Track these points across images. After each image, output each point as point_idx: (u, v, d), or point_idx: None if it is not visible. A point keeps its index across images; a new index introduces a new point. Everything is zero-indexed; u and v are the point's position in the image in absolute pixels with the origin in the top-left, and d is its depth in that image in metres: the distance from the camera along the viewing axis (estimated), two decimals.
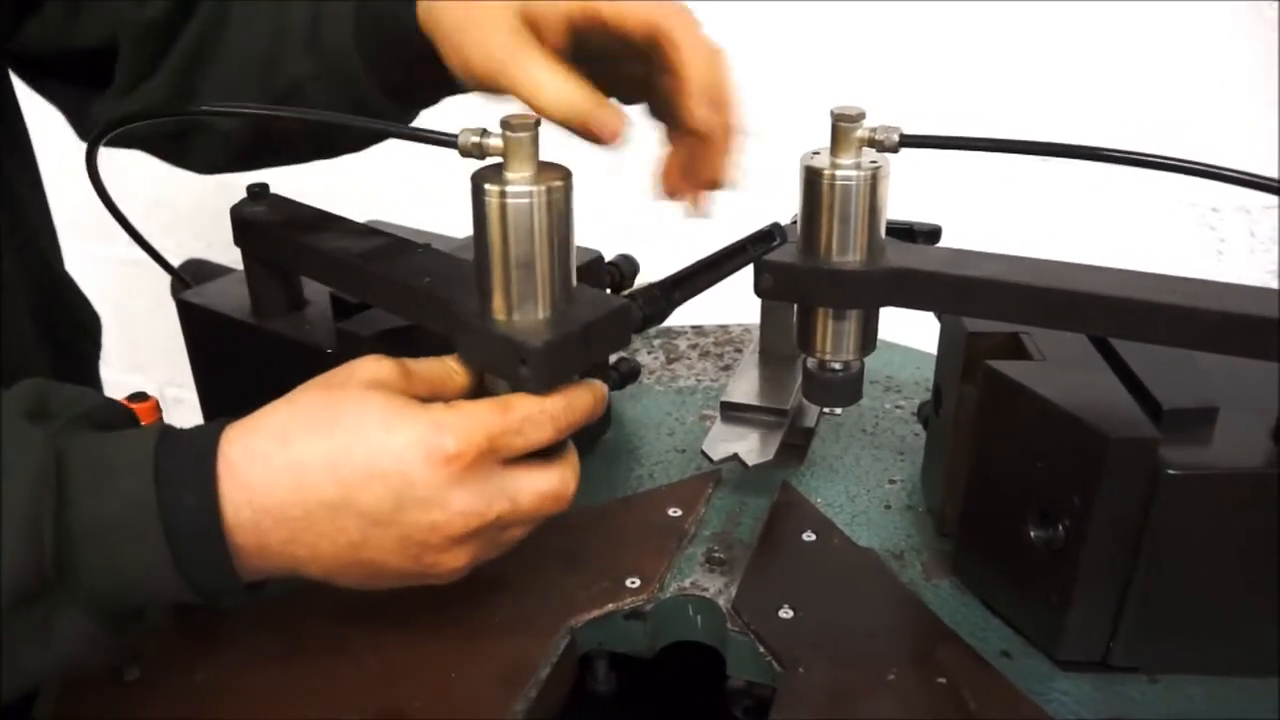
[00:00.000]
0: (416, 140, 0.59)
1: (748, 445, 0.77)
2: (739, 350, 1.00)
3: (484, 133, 0.57)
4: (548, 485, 0.60)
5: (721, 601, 0.70)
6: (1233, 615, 0.62)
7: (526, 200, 0.55)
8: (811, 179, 0.63)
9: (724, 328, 1.05)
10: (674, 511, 0.78)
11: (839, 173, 0.62)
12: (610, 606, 0.70)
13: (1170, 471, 0.58)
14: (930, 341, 0.76)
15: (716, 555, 0.74)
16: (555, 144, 0.59)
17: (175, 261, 0.90)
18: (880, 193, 0.63)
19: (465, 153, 0.57)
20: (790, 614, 0.68)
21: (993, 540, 0.67)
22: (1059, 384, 0.62)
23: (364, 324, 0.72)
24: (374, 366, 0.60)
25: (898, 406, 0.91)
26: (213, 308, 0.80)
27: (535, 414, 0.57)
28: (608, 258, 0.86)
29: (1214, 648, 0.63)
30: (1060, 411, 0.60)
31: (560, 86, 0.60)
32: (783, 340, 0.84)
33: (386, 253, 0.68)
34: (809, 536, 0.75)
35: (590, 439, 0.87)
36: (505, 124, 0.56)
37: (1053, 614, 0.63)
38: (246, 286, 0.79)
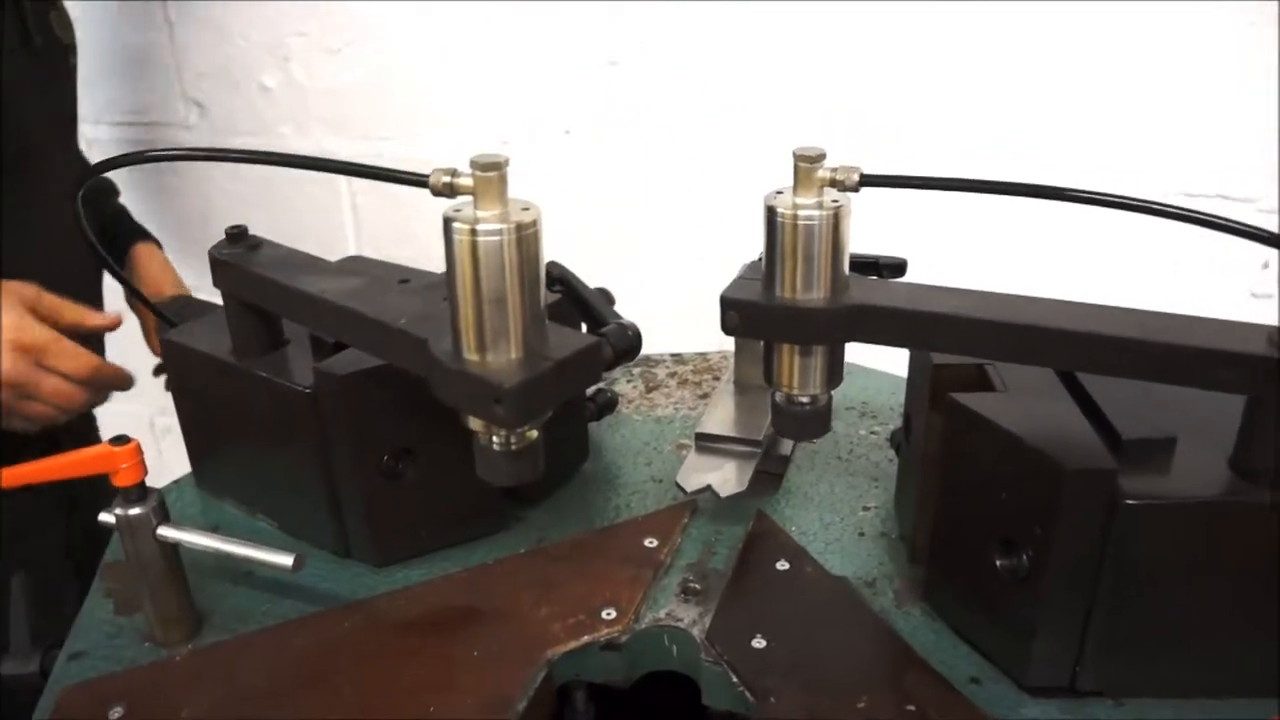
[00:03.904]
0: (388, 180, 0.61)
1: (721, 476, 0.78)
2: (717, 378, 1.02)
3: (454, 172, 0.58)
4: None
5: (696, 632, 0.71)
6: (1194, 639, 0.63)
7: (497, 239, 0.57)
8: (774, 219, 0.65)
9: (703, 355, 1.06)
10: (650, 542, 0.79)
11: (801, 213, 0.64)
12: (586, 638, 0.71)
13: (1128, 502, 0.59)
14: (906, 366, 0.78)
15: (691, 585, 0.75)
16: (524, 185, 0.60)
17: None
18: (842, 231, 0.64)
19: (437, 192, 0.58)
20: (763, 644, 0.69)
21: (961, 568, 0.69)
22: (1020, 415, 0.64)
23: (341, 363, 0.73)
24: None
25: (873, 432, 0.92)
26: (195, 347, 0.81)
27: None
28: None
29: (1177, 671, 0.64)
30: (1020, 443, 0.62)
31: None
32: (757, 370, 0.85)
33: (363, 293, 0.69)
34: (782, 565, 0.76)
35: (569, 469, 0.88)
36: (475, 163, 0.57)
37: (1019, 640, 0.65)
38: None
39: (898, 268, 0.75)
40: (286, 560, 0.67)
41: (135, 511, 0.69)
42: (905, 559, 0.77)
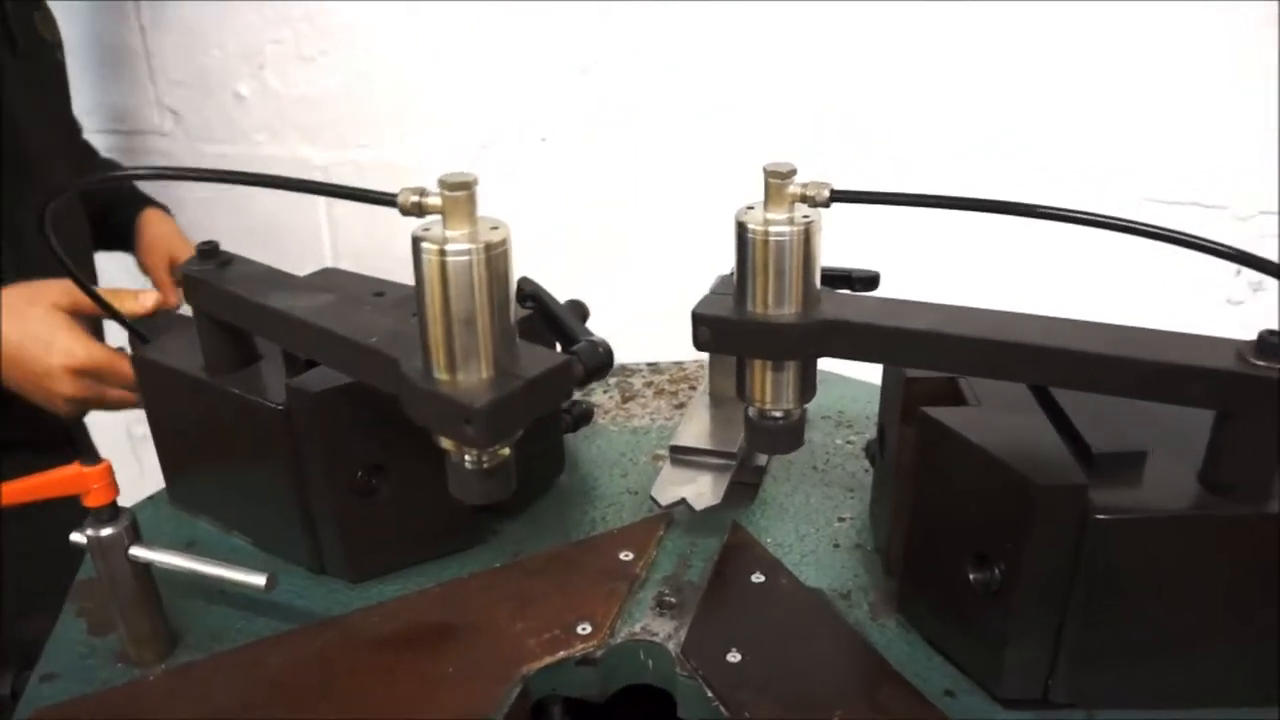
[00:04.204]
0: (356, 200, 0.60)
1: (696, 489, 0.78)
2: (694, 387, 1.02)
3: (423, 191, 0.58)
4: None
5: (671, 646, 0.71)
6: (1166, 650, 0.63)
7: (466, 258, 0.57)
8: (745, 235, 0.65)
9: (679, 365, 1.06)
10: (625, 555, 0.79)
11: (772, 229, 0.63)
12: (562, 654, 0.70)
13: (1099, 517, 0.59)
14: (880, 376, 0.78)
15: (667, 599, 0.75)
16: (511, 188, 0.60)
17: None
18: (813, 246, 0.64)
19: (405, 211, 0.58)
20: (738, 657, 0.69)
21: (934, 580, 0.69)
22: (992, 429, 0.64)
23: (313, 380, 0.73)
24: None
25: (848, 442, 0.92)
26: (166, 364, 0.81)
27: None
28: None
29: (1150, 682, 0.64)
30: (991, 458, 0.62)
31: None
32: (731, 382, 0.85)
33: (334, 310, 0.69)
34: (758, 578, 0.77)
35: (544, 481, 0.88)
36: (443, 183, 0.57)
37: (993, 653, 0.65)
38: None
39: (870, 280, 0.75)
40: (259, 580, 0.66)
41: (107, 532, 0.68)
42: (880, 571, 0.77)
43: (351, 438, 0.74)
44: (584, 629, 0.72)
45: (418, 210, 0.58)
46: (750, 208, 0.66)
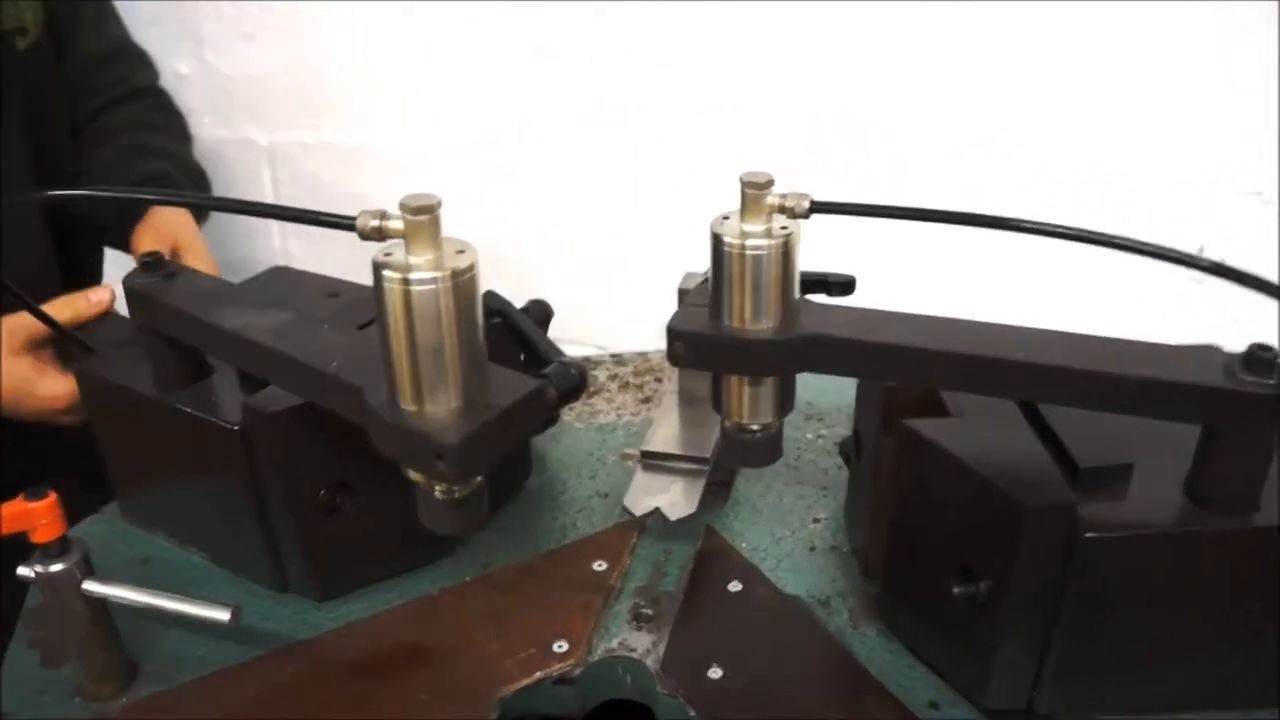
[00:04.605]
0: (312, 223, 0.57)
1: (670, 498, 0.76)
2: (659, 379, 1.00)
3: (384, 215, 0.55)
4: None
5: (650, 661, 0.70)
6: (1152, 660, 0.63)
7: (432, 287, 0.54)
8: (720, 247, 0.62)
9: (643, 355, 1.04)
10: (598, 565, 0.77)
11: (749, 241, 0.61)
12: (539, 674, 0.69)
13: (1088, 535, 0.58)
14: None
15: (643, 611, 0.73)
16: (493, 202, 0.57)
17: None
18: (792, 259, 0.62)
19: (365, 236, 0.55)
20: (719, 673, 0.68)
21: (918, 592, 0.68)
22: (975, 444, 0.63)
23: (271, 399, 0.69)
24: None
25: (820, 436, 0.91)
26: (113, 380, 0.77)
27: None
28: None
29: (1135, 690, 0.64)
30: (977, 475, 0.61)
31: None
32: (702, 382, 0.83)
33: (291, 331, 0.66)
34: (735, 586, 0.75)
35: (513, 485, 0.86)
36: (405, 206, 0.54)
37: (977, 665, 0.64)
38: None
39: (846, 285, 0.73)
40: (223, 615, 0.64)
41: (57, 568, 0.65)
42: (858, 574, 0.76)
43: (312, 456, 0.71)
44: (560, 647, 0.70)
45: (378, 235, 0.55)
46: (725, 218, 0.63)
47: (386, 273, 0.54)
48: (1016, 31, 1.10)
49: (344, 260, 0.98)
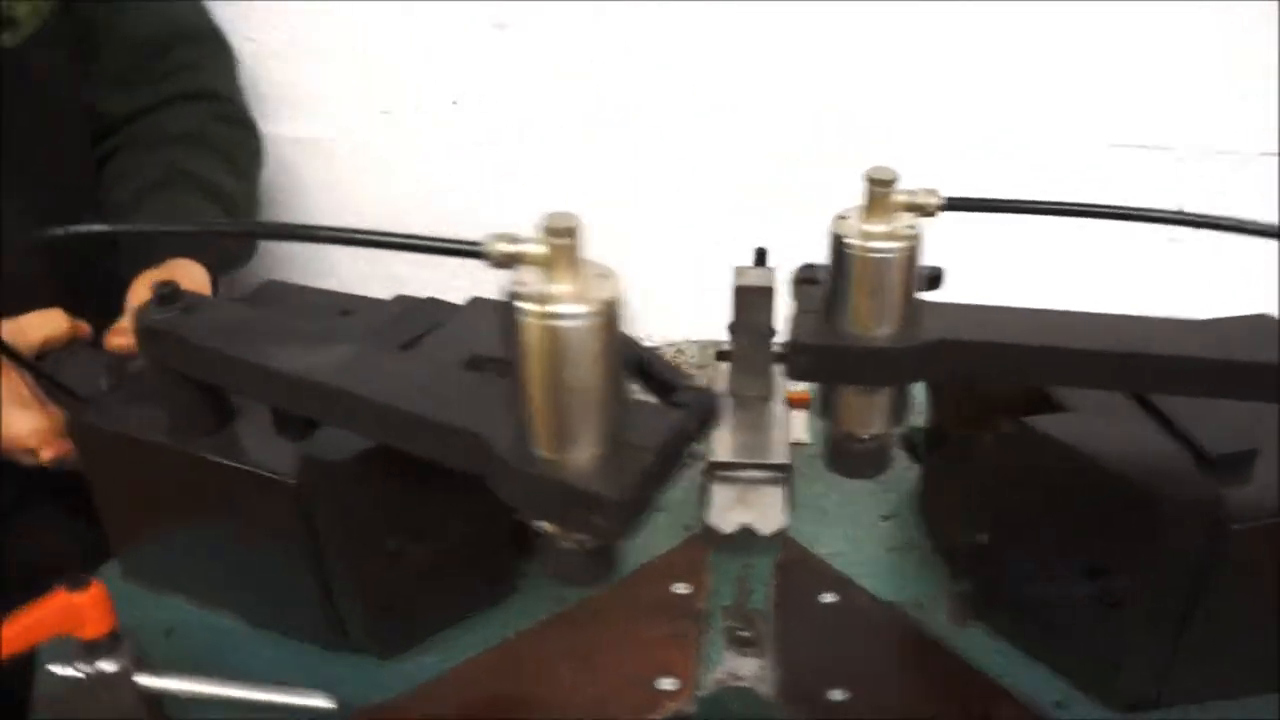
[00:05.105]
0: (434, 252, 0.50)
1: (758, 512, 0.72)
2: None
3: (515, 238, 0.48)
4: None
5: (764, 689, 0.66)
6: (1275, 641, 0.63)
7: (581, 323, 0.48)
8: (844, 250, 0.58)
9: (679, 350, 0.99)
10: (680, 588, 0.73)
11: (875, 243, 0.57)
12: (652, 718, 0.64)
13: (1235, 526, 0.57)
14: None
15: (741, 634, 0.69)
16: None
17: None
18: (916, 260, 0.58)
19: (498, 264, 0.48)
20: (841, 695, 0.65)
21: (1034, 591, 0.66)
22: (1104, 440, 0.61)
23: (330, 445, 0.62)
24: None
25: None
26: (119, 430, 0.68)
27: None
28: None
29: (1265, 671, 0.64)
30: (1111, 471, 0.59)
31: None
32: (756, 381, 0.79)
33: (362, 368, 0.58)
34: (828, 598, 0.72)
35: None
36: (547, 228, 0.47)
37: (1108, 662, 0.63)
38: (156, 397, 0.67)
39: (934, 278, 0.70)
40: (328, 703, 0.56)
41: (111, 668, 0.56)
42: (943, 573, 0.74)
43: (380, 504, 0.64)
44: (667, 684, 0.66)
45: (513, 262, 0.48)
46: (844, 216, 0.59)
47: (526, 306, 0.47)
48: (1016, 31, 1.10)
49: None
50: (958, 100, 1.14)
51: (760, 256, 0.81)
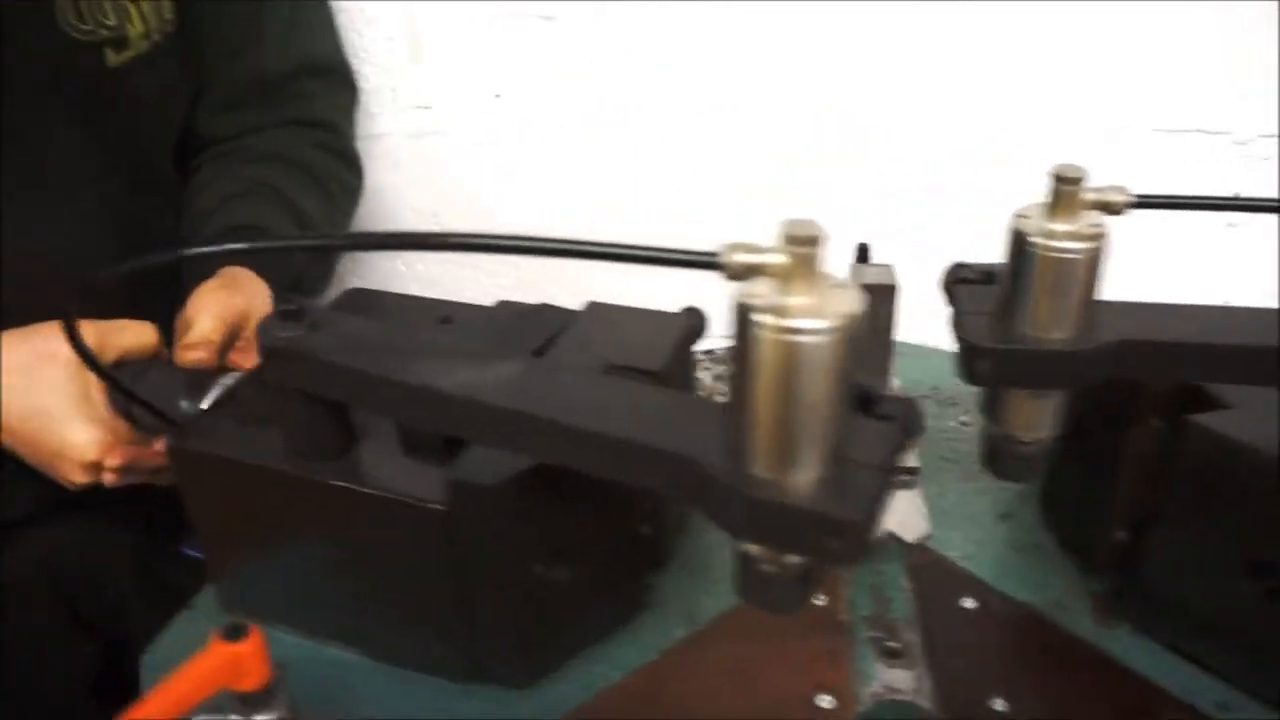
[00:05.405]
0: (665, 264, 0.47)
1: (899, 518, 0.70)
2: None
3: (754, 248, 0.45)
4: None
5: (924, 702, 0.64)
6: None
7: (819, 338, 0.45)
8: (1027, 249, 0.56)
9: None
10: (818, 599, 0.70)
11: (1062, 243, 0.55)
12: None
13: None
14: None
15: (889, 645, 0.67)
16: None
17: None
18: (1101, 260, 0.57)
19: (736, 276, 0.45)
20: (1003, 705, 0.63)
21: (1186, 590, 0.65)
22: (1270, 436, 0.60)
23: (480, 468, 0.58)
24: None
25: (964, 424, 0.87)
26: (227, 455, 0.63)
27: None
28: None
29: None
30: None
31: None
32: (879, 382, 0.77)
33: (536, 387, 0.54)
34: (968, 603, 0.70)
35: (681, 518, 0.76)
36: (789, 236, 0.44)
37: (1275, 663, 0.62)
38: (261, 419, 0.63)
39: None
40: None
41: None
42: (1074, 573, 0.73)
43: (531, 529, 0.60)
44: (827, 702, 0.63)
45: (752, 273, 0.45)
46: (1025, 215, 0.57)
47: (764, 318, 0.44)
48: (1016, 31, 1.09)
49: None
50: (957, 101, 1.13)
51: (862, 253, 0.78)
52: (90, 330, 0.69)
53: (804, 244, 0.44)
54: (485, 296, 0.77)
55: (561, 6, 1.12)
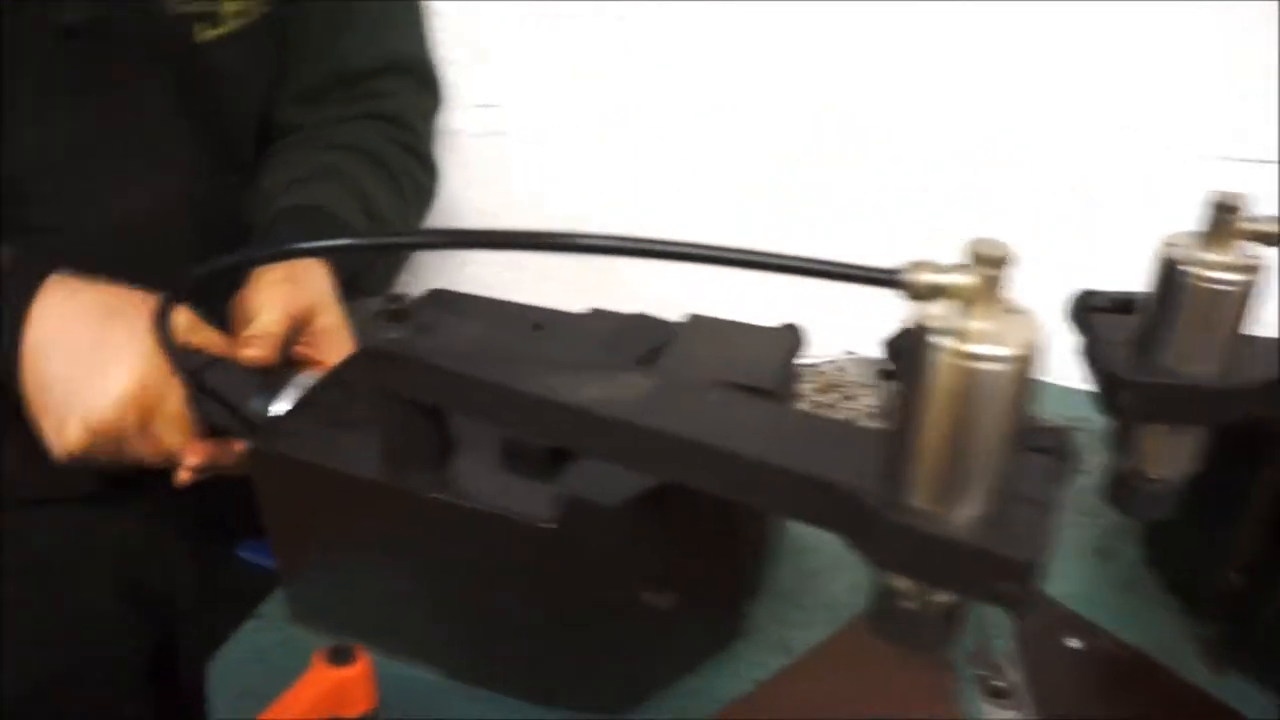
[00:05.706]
0: (839, 279, 0.44)
1: None
2: (847, 397, 0.89)
3: (940, 268, 0.42)
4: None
5: None
6: None
7: (1001, 366, 0.42)
8: (1179, 278, 0.53)
9: (816, 367, 0.93)
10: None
11: (1218, 274, 0.53)
12: None
13: None
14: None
15: (994, 684, 0.64)
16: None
17: None
18: (1257, 292, 0.54)
19: (919, 296, 0.42)
20: None
21: None
22: None
23: (599, 487, 0.55)
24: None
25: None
26: (315, 462, 0.59)
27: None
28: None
29: None
30: None
31: None
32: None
33: (675, 405, 0.51)
34: (1074, 643, 0.68)
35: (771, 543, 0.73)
36: (975, 256, 0.41)
37: None
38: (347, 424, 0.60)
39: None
40: None
41: None
42: (1177, 614, 0.70)
43: (643, 552, 0.57)
44: None
45: (936, 294, 0.42)
46: (1174, 244, 0.54)
47: (945, 342, 0.42)
48: (1016, 31, 1.08)
49: None
50: (958, 101, 1.12)
51: None
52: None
53: (993, 265, 0.41)
54: (538, 301, 0.75)
55: (567, 8, 1.12)
